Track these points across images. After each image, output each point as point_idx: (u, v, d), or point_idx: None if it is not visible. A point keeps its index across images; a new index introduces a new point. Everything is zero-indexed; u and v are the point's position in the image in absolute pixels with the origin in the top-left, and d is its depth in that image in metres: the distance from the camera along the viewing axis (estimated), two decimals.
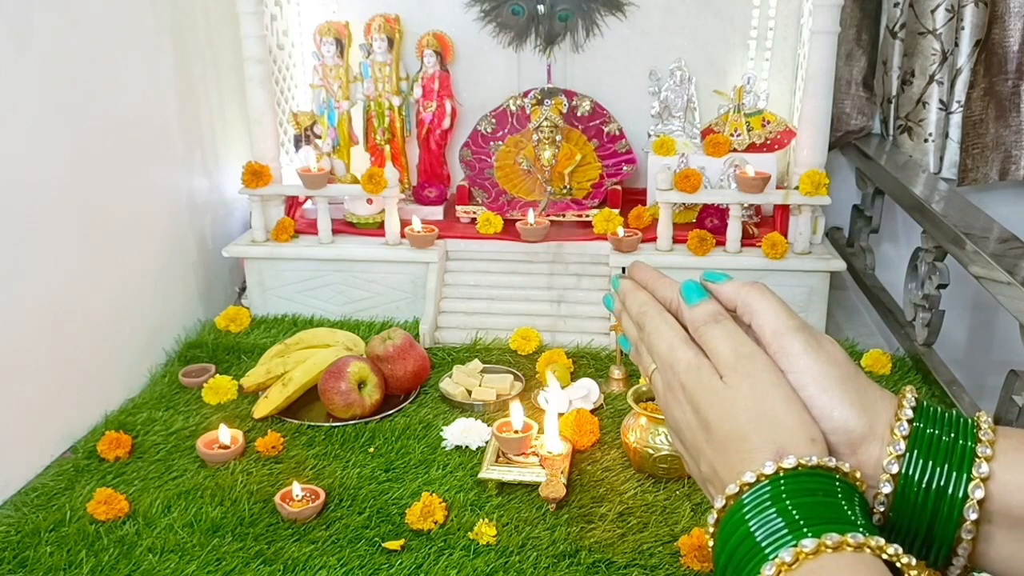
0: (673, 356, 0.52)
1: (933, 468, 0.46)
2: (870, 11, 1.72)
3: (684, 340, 0.53)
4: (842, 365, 0.50)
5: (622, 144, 1.61)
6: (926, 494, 0.46)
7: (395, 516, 0.98)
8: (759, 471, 0.45)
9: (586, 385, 1.24)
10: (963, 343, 1.83)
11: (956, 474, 0.46)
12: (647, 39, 1.64)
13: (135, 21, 1.32)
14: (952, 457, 0.46)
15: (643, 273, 0.59)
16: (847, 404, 0.48)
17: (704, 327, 0.52)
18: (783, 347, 0.50)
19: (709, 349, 0.51)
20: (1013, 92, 1.62)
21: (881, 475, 0.47)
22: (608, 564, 0.91)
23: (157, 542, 0.94)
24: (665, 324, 0.54)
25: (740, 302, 0.53)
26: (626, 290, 0.59)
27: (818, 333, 0.52)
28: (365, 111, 1.62)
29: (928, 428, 0.47)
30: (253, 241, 1.52)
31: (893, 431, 0.47)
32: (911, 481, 0.46)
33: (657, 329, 0.54)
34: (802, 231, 1.44)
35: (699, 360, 0.51)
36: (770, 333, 0.51)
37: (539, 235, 1.48)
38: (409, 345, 1.25)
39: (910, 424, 0.47)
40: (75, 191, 1.17)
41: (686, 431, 0.52)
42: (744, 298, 0.53)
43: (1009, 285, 1.05)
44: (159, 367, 1.36)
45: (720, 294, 0.54)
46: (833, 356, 0.50)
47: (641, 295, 0.57)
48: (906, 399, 0.49)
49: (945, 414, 0.49)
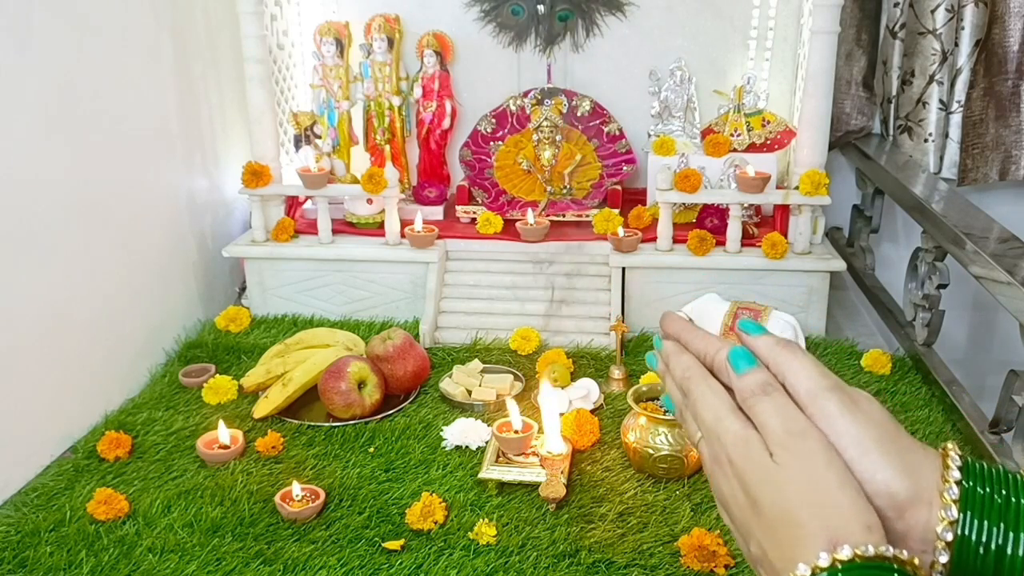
0: (720, 427, 0.50)
1: (989, 529, 0.45)
2: (870, 11, 1.72)
3: (731, 410, 0.51)
4: (882, 425, 0.48)
5: (622, 144, 1.61)
6: (984, 558, 0.45)
7: (395, 516, 0.98)
8: (814, 563, 0.43)
9: (586, 385, 1.24)
10: (963, 343, 1.83)
11: (1014, 534, 0.45)
12: (647, 39, 1.64)
13: (135, 21, 1.32)
14: (1007, 516, 0.45)
15: (675, 324, 0.58)
16: (890, 467, 0.46)
17: (753, 398, 0.50)
18: (819, 408, 0.48)
19: (759, 422, 0.49)
20: (1013, 92, 1.62)
21: (937, 543, 0.45)
22: (608, 564, 0.91)
23: (157, 542, 0.94)
24: (711, 391, 0.52)
25: (772, 360, 0.51)
26: (669, 352, 0.57)
27: (854, 391, 0.50)
28: (365, 111, 1.62)
29: (979, 487, 0.46)
30: (253, 241, 1.52)
31: (943, 495, 0.46)
32: (968, 546, 0.45)
33: (703, 396, 0.52)
34: (802, 231, 1.44)
35: (747, 433, 0.49)
36: (804, 393, 0.49)
37: (539, 235, 1.48)
38: (409, 345, 1.25)
39: (959, 486, 0.46)
40: (75, 191, 1.17)
41: (734, 507, 0.50)
42: (776, 357, 0.51)
43: (1009, 285, 1.05)
44: (159, 367, 1.36)
45: (754, 348, 0.53)
46: (872, 416, 0.48)
47: (685, 359, 0.55)
48: (950, 458, 0.47)
49: (992, 471, 0.47)
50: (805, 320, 1.41)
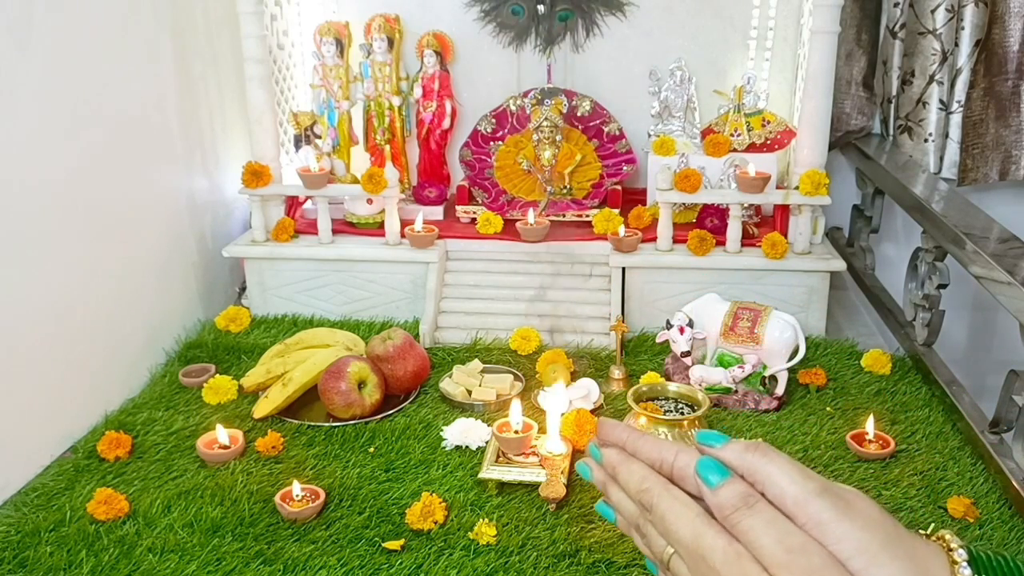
0: (703, 545, 0.46)
1: None
2: (870, 11, 1.72)
3: (709, 523, 0.46)
4: (883, 525, 0.45)
5: (622, 144, 1.60)
6: None
7: (395, 516, 0.98)
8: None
9: (586, 385, 1.24)
10: (963, 343, 1.83)
11: None
12: (647, 39, 1.64)
13: (135, 21, 1.32)
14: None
15: (616, 431, 0.53)
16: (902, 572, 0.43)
17: (736, 514, 0.45)
18: (811, 516, 0.44)
19: (747, 541, 0.45)
20: (1013, 92, 1.62)
21: None
22: (608, 564, 0.90)
23: (157, 542, 0.94)
24: (680, 503, 0.48)
25: (746, 469, 0.47)
26: (615, 462, 0.52)
27: (842, 489, 0.46)
28: (365, 111, 1.62)
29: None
30: (253, 241, 1.52)
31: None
32: None
33: (671, 510, 0.48)
34: (802, 231, 1.44)
35: (736, 548, 0.45)
36: (791, 502, 0.45)
37: (539, 235, 1.48)
38: (409, 345, 1.25)
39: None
40: (75, 191, 1.17)
41: None
42: (750, 464, 0.47)
43: (1009, 285, 1.05)
44: (159, 367, 1.36)
45: (722, 459, 0.48)
46: (870, 516, 0.45)
47: (637, 468, 0.51)
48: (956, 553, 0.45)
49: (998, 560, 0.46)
50: (805, 320, 1.41)
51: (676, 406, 1.10)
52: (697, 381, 1.21)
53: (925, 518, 0.97)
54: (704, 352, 1.25)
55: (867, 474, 1.06)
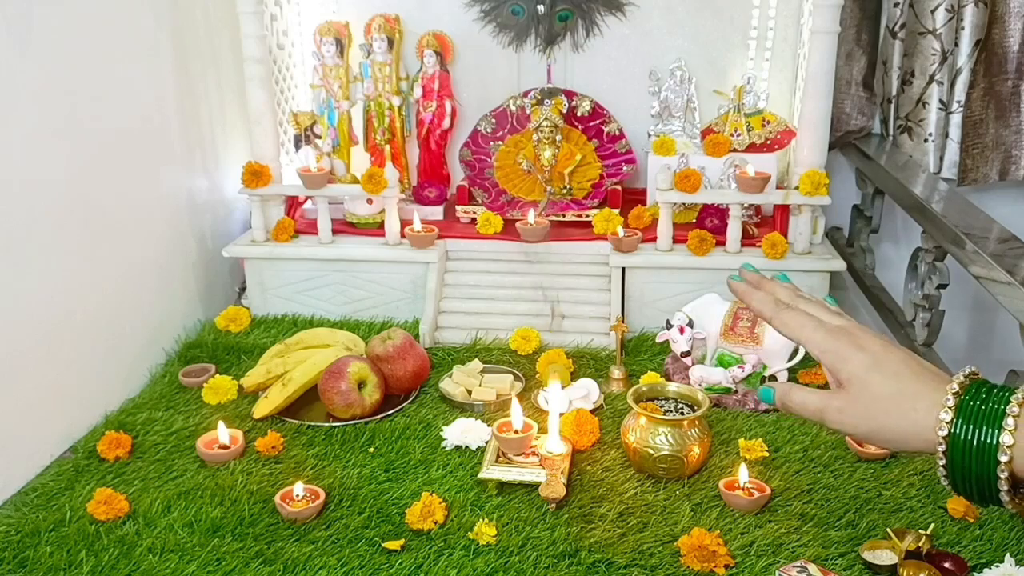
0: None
1: (974, 429, 0.59)
2: (870, 11, 1.72)
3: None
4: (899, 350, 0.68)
5: (622, 144, 1.61)
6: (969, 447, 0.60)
7: (395, 516, 0.98)
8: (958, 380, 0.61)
9: (586, 385, 1.24)
10: (963, 343, 1.83)
11: (990, 429, 0.59)
12: (647, 39, 1.64)
13: (135, 21, 1.32)
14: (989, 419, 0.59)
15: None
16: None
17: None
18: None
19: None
20: (1013, 92, 1.62)
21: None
22: (608, 564, 0.91)
23: (157, 542, 0.94)
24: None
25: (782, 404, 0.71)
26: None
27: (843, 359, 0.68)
28: (365, 111, 1.62)
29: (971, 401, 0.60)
30: (253, 241, 1.52)
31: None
32: (957, 440, 0.60)
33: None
34: (802, 231, 1.44)
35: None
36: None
37: (539, 235, 1.48)
38: (409, 345, 1.25)
39: (955, 397, 0.61)
40: (74, 191, 1.17)
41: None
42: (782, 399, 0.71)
43: (1009, 285, 1.05)
44: (159, 367, 1.36)
45: None
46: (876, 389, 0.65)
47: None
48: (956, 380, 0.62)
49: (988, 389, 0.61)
50: None
51: (676, 406, 1.10)
52: (697, 381, 1.21)
53: (925, 518, 0.97)
54: (704, 352, 1.25)
55: (867, 474, 1.06)
